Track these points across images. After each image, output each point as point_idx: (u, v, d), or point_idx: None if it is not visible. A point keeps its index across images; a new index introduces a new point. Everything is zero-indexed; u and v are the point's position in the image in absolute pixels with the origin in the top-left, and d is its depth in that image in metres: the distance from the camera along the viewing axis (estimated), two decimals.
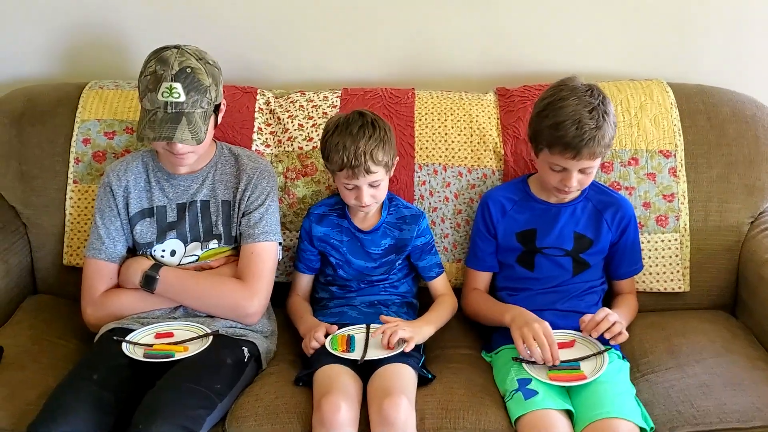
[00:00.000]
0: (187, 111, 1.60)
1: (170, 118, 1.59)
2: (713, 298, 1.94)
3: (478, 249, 1.86)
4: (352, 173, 1.67)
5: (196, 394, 1.47)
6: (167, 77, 1.58)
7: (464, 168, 1.95)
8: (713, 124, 1.96)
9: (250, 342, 1.68)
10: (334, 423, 1.46)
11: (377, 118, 1.73)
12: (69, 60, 2.16)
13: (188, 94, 1.59)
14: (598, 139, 1.63)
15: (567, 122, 1.63)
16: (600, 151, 1.65)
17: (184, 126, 1.59)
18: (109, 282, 1.73)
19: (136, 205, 1.74)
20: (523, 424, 1.52)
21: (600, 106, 1.65)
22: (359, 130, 1.68)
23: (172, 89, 1.58)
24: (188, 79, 1.59)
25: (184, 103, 1.59)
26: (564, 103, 1.65)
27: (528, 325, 1.61)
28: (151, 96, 1.60)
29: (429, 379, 1.63)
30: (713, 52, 2.14)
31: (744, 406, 1.52)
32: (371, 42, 2.15)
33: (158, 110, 1.59)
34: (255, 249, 1.72)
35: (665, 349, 1.74)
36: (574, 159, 1.65)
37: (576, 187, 1.71)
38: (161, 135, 1.59)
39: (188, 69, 1.59)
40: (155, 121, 1.59)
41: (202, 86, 1.61)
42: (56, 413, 1.42)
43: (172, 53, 1.61)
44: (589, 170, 1.69)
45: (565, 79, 1.72)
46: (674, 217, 1.93)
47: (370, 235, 1.81)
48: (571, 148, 1.63)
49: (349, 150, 1.65)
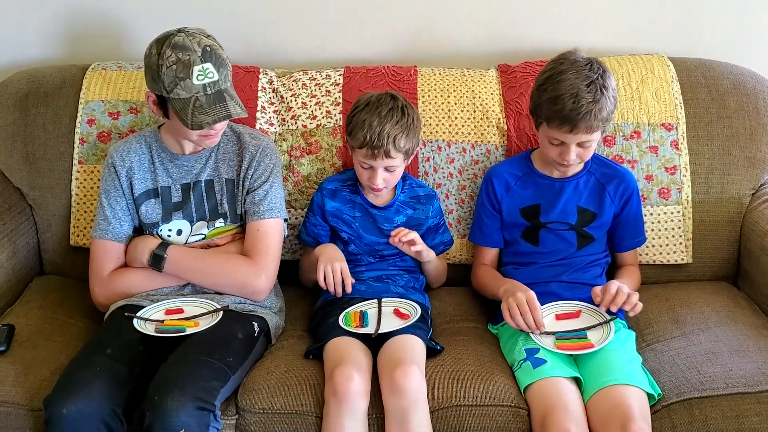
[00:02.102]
0: (223, 87, 1.60)
1: (214, 98, 1.58)
2: (716, 269, 1.96)
3: (483, 225, 1.87)
4: (372, 154, 1.68)
5: (209, 366, 1.49)
6: (195, 60, 1.56)
7: (468, 144, 1.96)
8: (714, 97, 1.97)
9: (259, 317, 1.69)
10: (347, 393, 1.47)
11: (408, 105, 1.74)
12: (71, 43, 2.16)
13: (219, 71, 1.59)
14: (595, 113, 1.63)
15: (564, 96, 1.63)
16: (597, 125, 1.65)
17: (230, 102, 1.60)
18: (117, 262, 1.73)
19: (141, 185, 1.74)
20: (532, 392, 1.54)
21: (599, 80, 1.65)
22: (388, 113, 1.68)
23: (206, 71, 1.57)
24: (213, 56, 1.59)
25: (219, 80, 1.59)
26: (562, 77, 1.66)
27: (513, 296, 1.63)
28: (185, 84, 1.56)
29: (438, 350, 1.65)
30: (713, 26, 2.15)
31: (750, 371, 1.54)
32: (373, 20, 2.15)
33: (198, 95, 1.57)
34: (261, 226, 1.72)
35: (670, 319, 1.76)
36: (571, 133, 1.65)
37: (575, 161, 1.72)
38: (219, 116, 1.58)
39: (208, 47, 1.59)
40: (202, 105, 1.57)
41: (223, 60, 1.61)
42: (71, 387, 1.43)
43: (183, 37, 1.58)
44: (587, 144, 1.69)
45: (565, 53, 1.72)
46: (676, 190, 1.94)
47: (383, 212, 1.82)
48: (568, 122, 1.64)
49: (374, 130, 1.66)
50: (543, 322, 1.61)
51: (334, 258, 1.71)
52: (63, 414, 1.40)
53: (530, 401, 1.54)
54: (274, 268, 1.73)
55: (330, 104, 1.98)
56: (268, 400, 1.54)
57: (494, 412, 1.53)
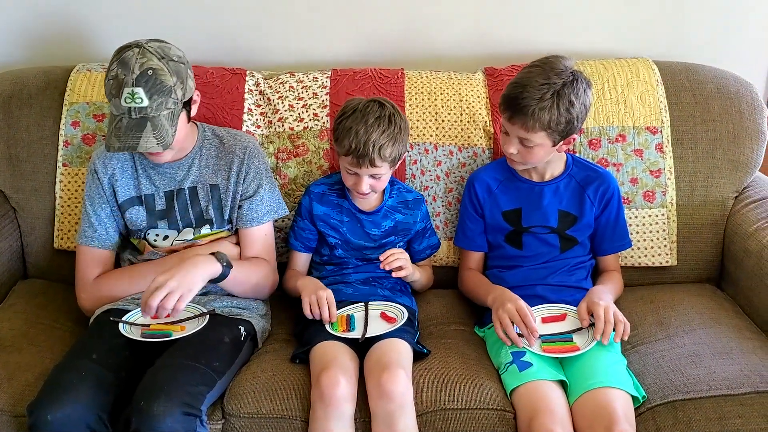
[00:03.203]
0: (151, 115, 1.54)
1: (135, 124, 1.54)
2: (700, 271, 1.98)
3: (467, 229, 1.88)
4: (357, 162, 1.68)
5: (195, 371, 1.48)
6: (128, 82, 1.51)
7: (455, 147, 1.97)
8: (698, 100, 1.99)
9: (246, 321, 1.69)
10: (333, 397, 1.47)
11: (396, 112, 1.72)
12: (55, 44, 2.14)
13: (151, 98, 1.53)
14: (534, 111, 1.62)
15: (517, 83, 1.66)
16: (534, 126, 1.63)
17: (149, 132, 1.54)
18: (104, 268, 1.72)
19: (124, 193, 1.72)
20: (518, 395, 1.55)
21: (559, 87, 1.63)
22: (375, 121, 1.67)
23: (134, 95, 1.52)
24: (150, 82, 1.52)
25: (148, 107, 1.53)
26: (528, 70, 1.68)
27: (503, 307, 1.63)
28: (115, 102, 1.54)
29: (424, 354, 1.65)
30: (698, 30, 2.17)
31: (733, 373, 1.56)
32: (360, 23, 2.14)
33: (123, 116, 1.54)
34: (266, 230, 1.77)
35: (654, 322, 1.77)
36: (509, 121, 1.67)
37: (517, 157, 1.71)
38: (125, 145, 1.54)
39: (149, 71, 1.52)
40: (120, 128, 1.54)
41: (165, 87, 1.54)
42: (57, 392, 1.42)
43: (134, 54, 1.53)
44: (528, 144, 1.67)
45: (553, 55, 1.72)
46: (661, 193, 1.96)
47: (371, 217, 1.82)
48: (508, 108, 1.66)
49: (359, 139, 1.65)
50: (535, 327, 1.60)
51: (318, 287, 1.70)
52: (47, 420, 1.38)
53: (516, 404, 1.55)
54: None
55: (317, 107, 1.98)
56: (255, 405, 1.54)
57: (480, 415, 1.53)
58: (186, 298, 1.49)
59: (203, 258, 1.57)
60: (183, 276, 1.50)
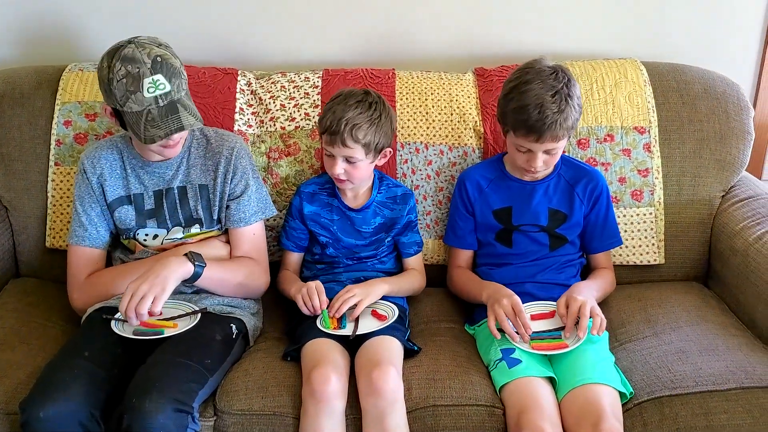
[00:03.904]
0: (177, 98, 1.57)
1: (167, 110, 1.55)
2: (687, 269, 2.01)
3: (457, 227, 1.89)
4: (330, 139, 1.71)
5: (187, 368, 1.49)
6: (145, 73, 1.52)
7: (445, 146, 1.98)
8: (685, 101, 2.01)
9: (237, 319, 1.70)
10: (324, 394, 1.48)
11: (380, 102, 1.74)
12: (47, 44, 2.14)
13: (171, 81, 1.55)
14: (560, 122, 1.65)
15: (530, 106, 1.65)
16: (563, 134, 1.68)
17: (184, 113, 1.56)
18: (95, 267, 1.72)
19: (113, 192, 1.73)
20: (507, 392, 1.57)
21: (563, 89, 1.67)
22: (355, 103, 1.71)
23: (156, 83, 1.53)
24: (164, 67, 1.55)
25: (172, 91, 1.55)
26: (527, 87, 1.67)
27: (499, 303, 1.65)
28: (136, 97, 1.53)
29: (415, 351, 1.66)
30: (685, 31, 2.19)
31: (719, 369, 1.58)
32: (352, 23, 2.16)
33: (150, 108, 1.54)
34: (255, 230, 1.77)
35: (642, 319, 1.79)
36: (537, 142, 1.68)
37: (542, 167, 1.74)
38: (171, 129, 1.55)
39: (158, 58, 1.54)
40: (154, 118, 1.55)
41: (176, 69, 1.57)
42: (49, 390, 1.42)
43: (133, 48, 1.54)
44: (554, 151, 1.72)
45: (531, 61, 1.73)
46: (649, 192, 1.98)
47: (360, 214, 1.83)
48: (534, 132, 1.66)
49: (335, 116, 1.69)
50: (529, 324, 1.62)
51: (304, 284, 1.72)
52: (40, 417, 1.39)
53: (505, 401, 1.56)
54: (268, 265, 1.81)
55: (308, 106, 1.99)
56: (246, 402, 1.55)
57: (470, 411, 1.55)
58: (160, 298, 1.52)
59: (174, 258, 1.60)
60: (153, 278, 1.53)
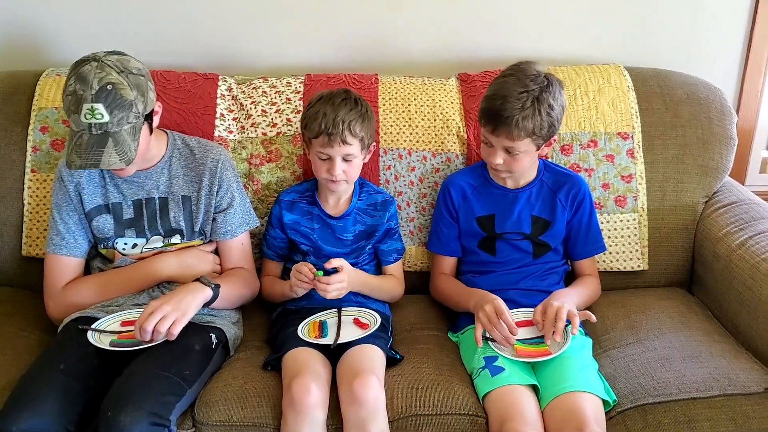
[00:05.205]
0: (113, 131, 1.50)
1: (96, 140, 1.50)
2: (670, 275, 2.00)
3: (441, 234, 1.88)
4: (328, 140, 1.69)
5: (165, 380, 1.47)
6: (87, 98, 1.47)
7: (428, 152, 1.97)
8: (668, 106, 2.02)
9: (217, 328, 1.68)
10: (304, 404, 1.47)
11: (361, 98, 1.77)
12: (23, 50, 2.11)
13: (112, 113, 1.49)
14: (518, 120, 1.64)
15: (496, 96, 1.67)
16: (519, 134, 1.65)
17: (110, 148, 1.50)
18: (73, 276, 1.70)
19: (90, 201, 1.70)
20: (490, 400, 1.55)
21: (535, 92, 1.65)
22: (341, 102, 1.71)
23: (94, 111, 1.48)
24: (110, 97, 1.49)
25: (109, 123, 1.49)
26: (503, 80, 1.69)
27: (482, 310, 1.64)
28: (74, 117, 1.50)
29: (398, 359, 1.65)
30: (668, 37, 2.19)
31: (702, 376, 1.58)
32: (334, 28, 2.14)
33: (83, 132, 1.50)
34: (243, 240, 1.78)
35: (626, 326, 1.79)
36: (493, 134, 1.68)
37: (502, 166, 1.72)
38: (87, 162, 1.50)
39: (109, 86, 1.49)
40: (81, 145, 1.50)
41: (126, 102, 1.51)
42: (23, 403, 1.39)
43: (92, 68, 1.49)
44: (514, 152, 1.69)
45: (522, 61, 1.74)
46: (632, 198, 1.98)
47: (341, 221, 1.82)
48: (491, 121, 1.67)
49: (329, 117, 1.68)
50: (513, 324, 1.61)
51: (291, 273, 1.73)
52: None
53: (488, 409, 1.55)
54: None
55: (290, 112, 1.97)
56: (226, 413, 1.53)
57: (453, 420, 1.53)
58: (180, 322, 1.52)
59: (194, 285, 1.60)
60: (178, 301, 1.53)
